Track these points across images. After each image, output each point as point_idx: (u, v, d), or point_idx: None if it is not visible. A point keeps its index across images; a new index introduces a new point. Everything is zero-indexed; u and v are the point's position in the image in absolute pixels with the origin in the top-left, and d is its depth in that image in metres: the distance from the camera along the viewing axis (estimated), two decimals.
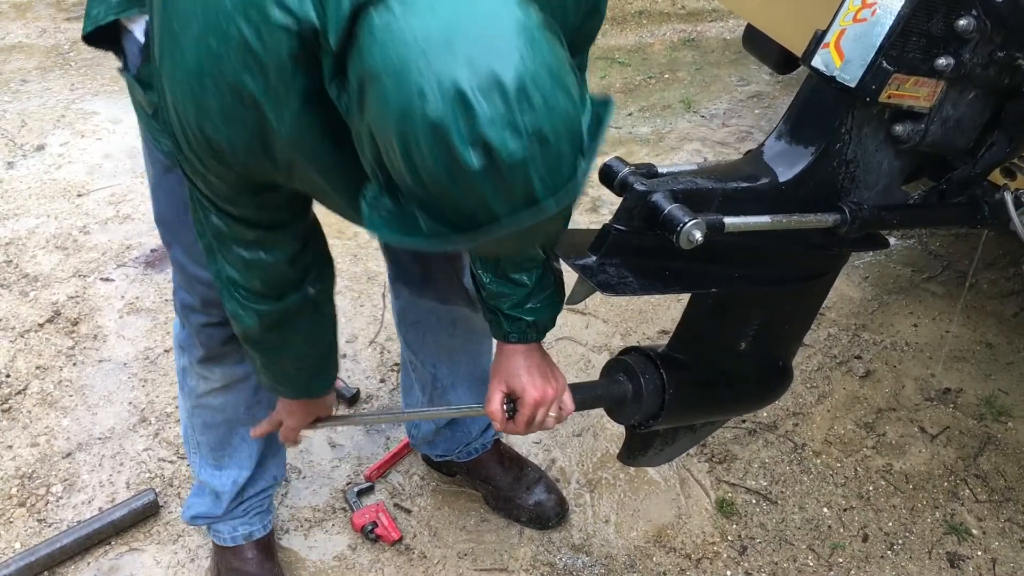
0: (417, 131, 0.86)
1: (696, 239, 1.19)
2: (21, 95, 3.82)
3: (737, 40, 3.72)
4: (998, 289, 2.85)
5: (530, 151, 0.87)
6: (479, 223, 0.91)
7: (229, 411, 1.85)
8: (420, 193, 0.91)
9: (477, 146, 0.86)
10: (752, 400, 1.71)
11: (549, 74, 0.89)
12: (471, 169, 0.86)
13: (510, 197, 0.89)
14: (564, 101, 0.90)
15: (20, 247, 2.95)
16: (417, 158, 0.88)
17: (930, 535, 2.14)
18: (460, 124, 0.85)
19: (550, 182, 0.90)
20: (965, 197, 1.55)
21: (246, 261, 1.32)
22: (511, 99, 0.86)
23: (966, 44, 1.32)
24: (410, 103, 0.86)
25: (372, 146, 0.93)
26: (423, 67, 0.86)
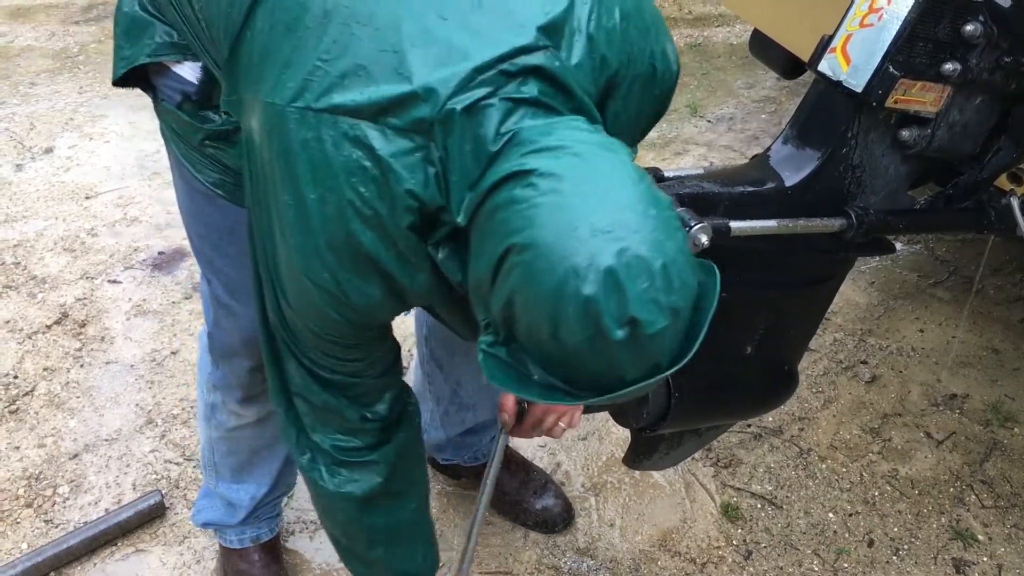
0: (568, 306, 0.92)
1: (703, 243, 1.20)
2: (30, 98, 3.85)
3: (743, 45, 3.72)
4: (1005, 295, 2.84)
5: (668, 325, 0.94)
6: (604, 387, 0.97)
7: (257, 440, 1.83)
8: (552, 355, 0.97)
9: (624, 322, 0.92)
10: (758, 404, 1.71)
11: (683, 256, 0.97)
12: (616, 342, 0.93)
13: (641, 366, 0.96)
14: (693, 280, 0.98)
15: (28, 249, 2.96)
16: (564, 329, 0.93)
17: (936, 540, 2.13)
18: (611, 302, 0.91)
19: (674, 349, 0.98)
20: (971, 202, 1.55)
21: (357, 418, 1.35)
22: (656, 280, 0.93)
23: (973, 49, 1.32)
24: (564, 280, 0.92)
25: (505, 310, 0.98)
26: (575, 245, 0.92)
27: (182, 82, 1.36)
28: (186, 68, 1.35)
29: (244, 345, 1.60)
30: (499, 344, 1.01)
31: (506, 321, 0.99)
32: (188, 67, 1.35)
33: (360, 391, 1.33)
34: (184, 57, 1.34)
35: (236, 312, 1.56)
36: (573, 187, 0.95)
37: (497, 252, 0.97)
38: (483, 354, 1.02)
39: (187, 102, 1.37)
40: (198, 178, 1.43)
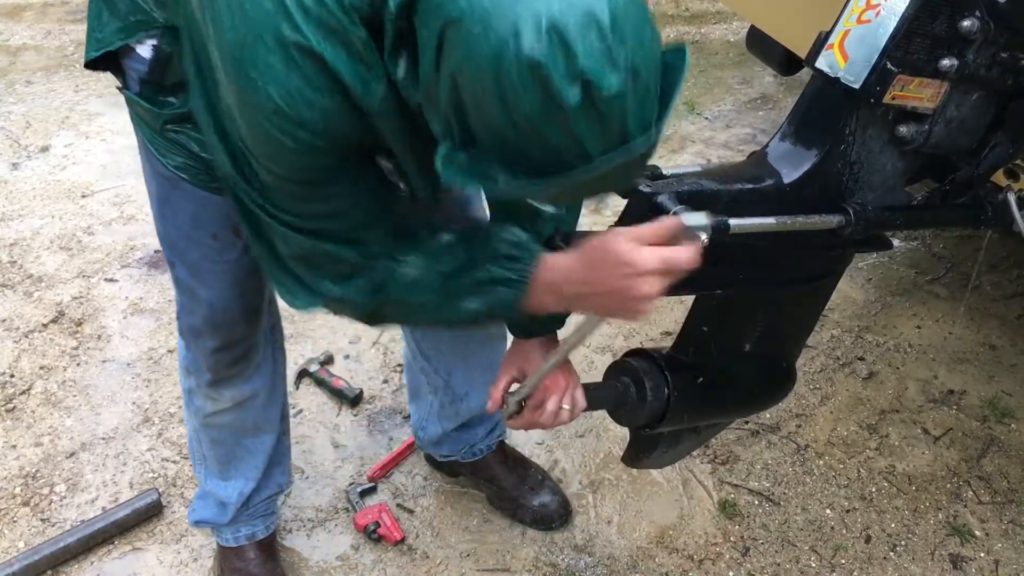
0: (512, 70, 0.85)
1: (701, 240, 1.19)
2: (26, 96, 3.84)
3: (741, 42, 3.72)
4: (1002, 291, 2.85)
5: (626, 85, 0.87)
6: (569, 165, 0.90)
7: (237, 427, 1.84)
8: (508, 136, 0.89)
9: (576, 82, 0.85)
10: (756, 402, 1.71)
11: (635, 8, 0.89)
12: (569, 106, 0.85)
13: (605, 135, 0.89)
14: (651, 35, 0.90)
15: (24, 248, 2.95)
16: (511, 98, 0.86)
17: (933, 536, 2.14)
18: (559, 61, 0.84)
19: (640, 118, 0.90)
20: (968, 198, 1.55)
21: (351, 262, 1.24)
22: (607, 34, 0.85)
23: (970, 45, 1.32)
24: (504, 43, 0.85)
25: (452, 96, 0.91)
26: (514, 5, 0.85)
27: (141, 62, 1.36)
28: (145, 47, 1.35)
29: (207, 325, 1.62)
30: (457, 148, 0.95)
31: (458, 114, 0.92)
32: (147, 45, 1.35)
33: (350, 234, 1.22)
34: (146, 35, 1.34)
35: (199, 294, 1.57)
36: None
37: (435, 36, 0.90)
38: (443, 161, 0.95)
39: (145, 86, 1.37)
40: (163, 162, 1.44)
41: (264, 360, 1.79)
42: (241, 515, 1.94)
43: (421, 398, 2.09)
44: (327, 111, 1.03)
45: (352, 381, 2.49)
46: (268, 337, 1.78)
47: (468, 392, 2.00)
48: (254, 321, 1.69)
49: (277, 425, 1.90)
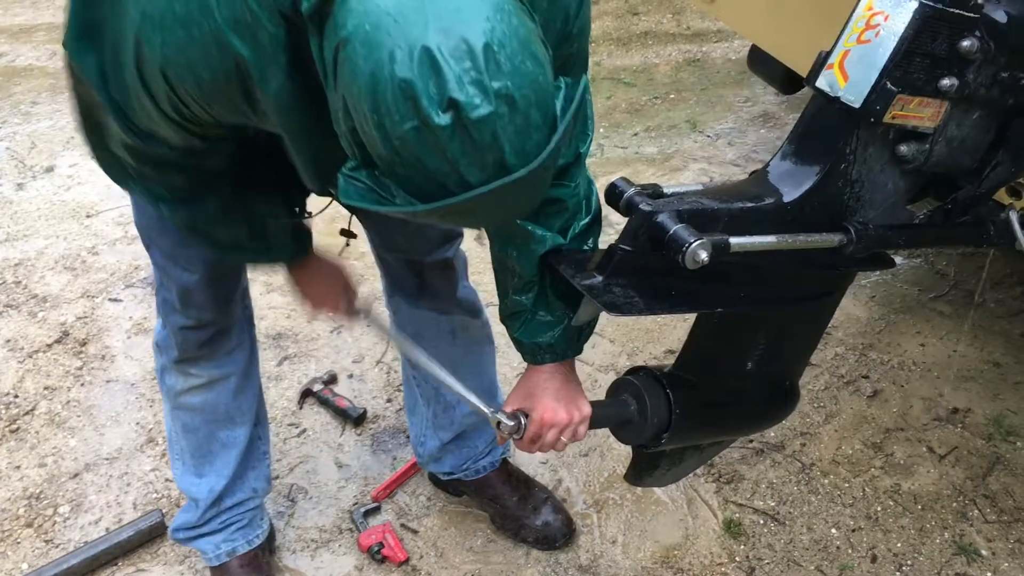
0: (387, 91, 0.88)
1: (701, 259, 1.20)
2: (31, 117, 3.86)
3: (742, 60, 3.73)
4: (1006, 308, 2.84)
5: (497, 111, 0.89)
6: (451, 191, 0.92)
7: (208, 411, 1.86)
8: (392, 160, 0.92)
9: (444, 104, 0.88)
10: (759, 420, 1.70)
11: (517, 40, 0.91)
12: (439, 128, 0.88)
13: (481, 162, 0.91)
14: (532, 67, 0.92)
15: (29, 268, 2.97)
16: (387, 120, 0.89)
17: (939, 556, 2.12)
18: (428, 83, 0.87)
19: (520, 147, 0.91)
20: (970, 216, 1.55)
21: None
22: (479, 60, 0.88)
23: (970, 65, 1.32)
24: (380, 65, 0.88)
25: (346, 116, 0.95)
26: (393, 31, 0.88)
27: None
28: None
29: (180, 302, 1.69)
30: (359, 168, 0.97)
31: (352, 134, 0.95)
32: None
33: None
34: None
35: (171, 273, 1.66)
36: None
37: (331, 54, 0.94)
38: (344, 178, 0.97)
39: None
40: None
41: (239, 348, 1.83)
42: (213, 520, 1.95)
43: (417, 413, 2.09)
44: (217, 78, 1.07)
45: (356, 400, 2.49)
46: (244, 326, 1.84)
47: (458, 400, 2.00)
48: (225, 308, 1.75)
49: (251, 418, 1.92)
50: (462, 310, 1.91)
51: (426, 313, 1.90)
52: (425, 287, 1.86)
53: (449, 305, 1.89)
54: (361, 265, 2.83)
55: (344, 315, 1.73)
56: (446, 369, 1.95)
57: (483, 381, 2.03)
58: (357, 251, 2.78)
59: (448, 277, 1.86)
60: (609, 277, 1.26)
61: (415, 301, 1.89)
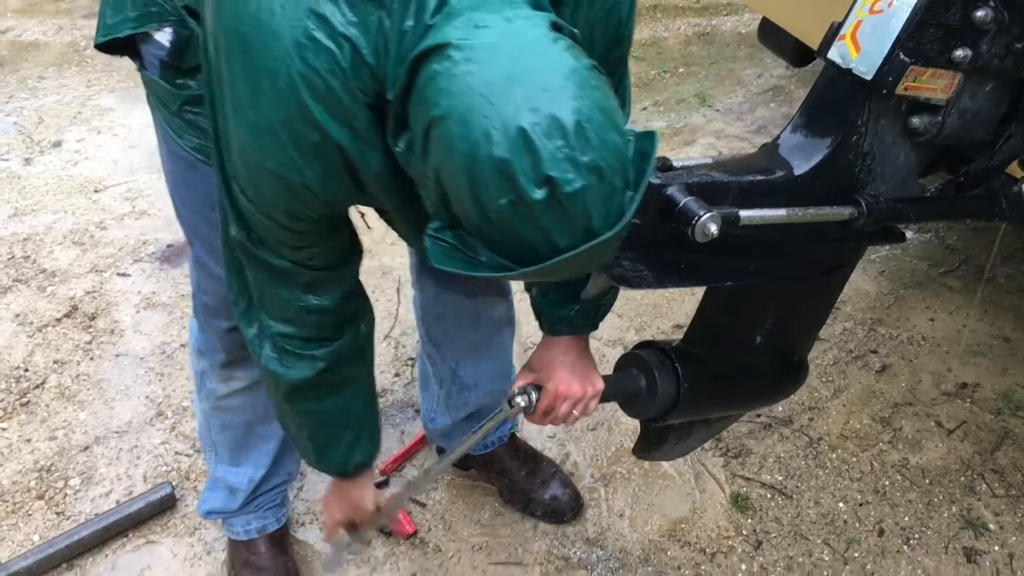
0: (484, 170, 0.92)
1: (711, 232, 1.19)
2: (38, 92, 3.85)
3: (752, 34, 3.70)
4: (1016, 283, 2.83)
5: (588, 184, 0.93)
6: (541, 256, 0.97)
7: (248, 412, 1.85)
8: (485, 229, 0.97)
9: (540, 181, 0.92)
10: (767, 394, 1.70)
11: (601, 113, 0.95)
12: (535, 203, 0.92)
13: (571, 230, 0.95)
14: (616, 137, 0.96)
15: (38, 243, 2.97)
16: (484, 195, 0.93)
17: (947, 530, 2.13)
18: (524, 162, 0.91)
19: (605, 213, 0.96)
20: (982, 190, 1.54)
21: (299, 308, 1.35)
22: (570, 137, 0.92)
23: (983, 35, 1.31)
24: (476, 145, 0.92)
25: (437, 186, 0.99)
26: (488, 112, 0.92)
27: (160, 47, 1.39)
28: (164, 34, 1.37)
29: (224, 304, 1.63)
30: (445, 229, 1.01)
31: (442, 200, 0.99)
32: (166, 32, 1.37)
33: (307, 279, 1.33)
34: (163, 23, 1.37)
35: (216, 273, 1.60)
36: (488, 56, 0.94)
37: (421, 129, 0.98)
38: (430, 239, 1.02)
39: (167, 69, 1.40)
40: (180, 143, 1.47)
41: None
42: (250, 504, 1.95)
43: (428, 390, 2.10)
44: (325, 173, 1.12)
45: None
46: None
47: (476, 383, 2.01)
48: None
49: None
50: (490, 290, 1.91)
51: (453, 295, 1.90)
52: None
53: (479, 288, 1.88)
54: (368, 240, 2.84)
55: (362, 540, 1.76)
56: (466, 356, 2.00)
57: (501, 365, 2.03)
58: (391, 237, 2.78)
59: None
60: (618, 251, 1.26)
61: (446, 283, 1.88)
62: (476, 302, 1.90)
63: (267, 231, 1.24)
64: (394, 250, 2.91)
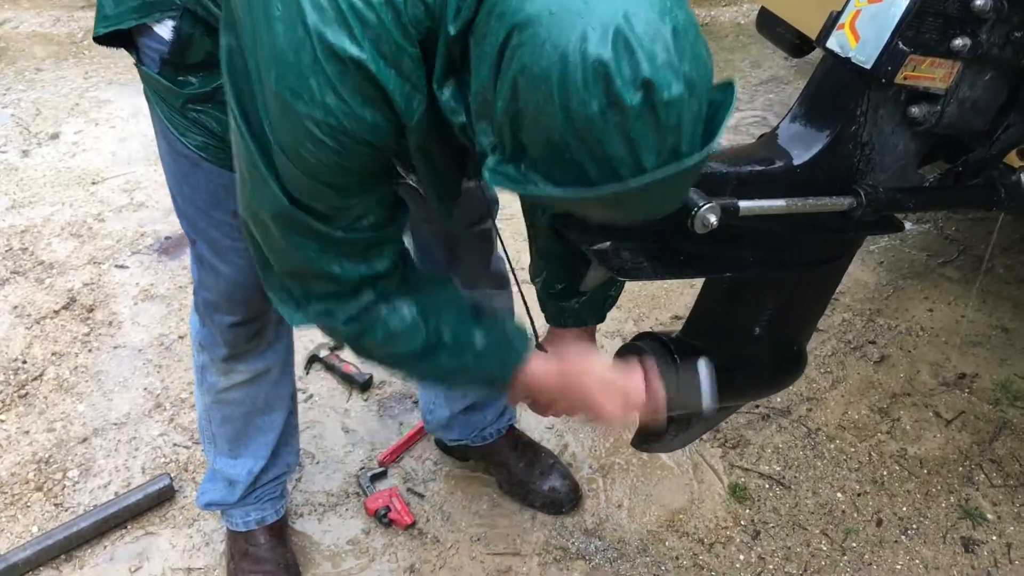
0: (577, 71, 0.88)
1: (711, 223, 1.19)
2: (35, 83, 3.84)
3: (750, 24, 3.70)
4: (1014, 274, 2.83)
5: (684, 94, 0.90)
6: (621, 176, 0.92)
7: (248, 404, 1.85)
8: (566, 142, 0.91)
9: (638, 85, 0.88)
10: (766, 385, 1.70)
11: (694, 28, 0.93)
12: (630, 108, 0.88)
13: (660, 145, 0.91)
14: (705, 54, 0.94)
15: (35, 235, 2.97)
16: (575, 99, 0.89)
17: (945, 520, 2.13)
18: (623, 63, 0.88)
19: (693, 133, 0.93)
20: (981, 179, 1.53)
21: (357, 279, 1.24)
22: (669, 43, 0.89)
23: (983, 24, 1.30)
24: (570, 44, 0.88)
25: (511, 102, 0.93)
26: (584, 12, 0.88)
27: (160, 42, 1.36)
28: (164, 27, 1.35)
29: (226, 300, 1.63)
30: (506, 161, 0.98)
31: (513, 122, 0.95)
32: (166, 25, 1.35)
33: (360, 247, 1.23)
34: (163, 16, 1.34)
35: (219, 270, 1.58)
36: None
37: (498, 43, 0.93)
38: (490, 172, 0.98)
39: (166, 65, 1.37)
40: (183, 141, 1.44)
41: (278, 336, 1.79)
42: (250, 495, 1.95)
43: None
44: (372, 122, 1.06)
45: (362, 366, 2.49)
46: None
47: None
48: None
49: (287, 403, 1.91)
50: (490, 282, 1.90)
51: None
52: (456, 261, 1.85)
53: (477, 279, 1.88)
54: None
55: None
56: None
57: None
58: None
59: (484, 248, 1.85)
60: (618, 241, 1.26)
61: None
62: (475, 294, 1.90)
63: (315, 195, 1.15)
64: None
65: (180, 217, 1.61)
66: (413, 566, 2.02)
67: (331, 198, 1.15)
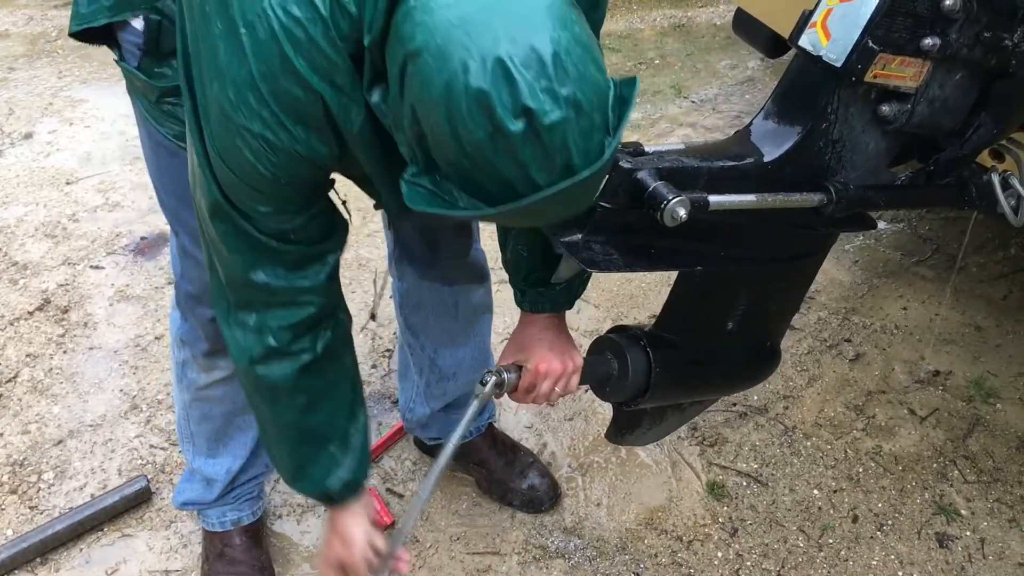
0: (461, 101, 0.91)
1: (680, 216, 1.19)
2: (8, 83, 3.81)
3: (727, 25, 3.72)
4: (987, 272, 2.86)
5: (567, 116, 0.92)
6: (519, 193, 0.95)
7: (228, 402, 1.84)
8: (463, 165, 0.95)
9: (519, 112, 0.91)
10: (739, 380, 1.71)
11: (580, 47, 0.94)
12: (513, 134, 0.91)
13: (550, 165, 0.94)
14: (595, 72, 0.96)
15: (9, 235, 2.94)
16: (461, 128, 0.92)
17: (919, 516, 2.15)
18: (503, 92, 0.90)
19: (584, 149, 0.95)
20: (953, 178, 1.55)
21: (285, 290, 1.29)
22: (548, 68, 0.91)
23: (952, 24, 1.32)
24: (454, 76, 0.91)
25: (413, 125, 0.98)
26: (465, 43, 0.91)
27: (136, 34, 1.38)
28: (138, 20, 1.37)
29: (208, 292, 1.61)
30: (422, 173, 1.01)
31: (419, 141, 0.99)
32: (139, 18, 1.37)
33: (293, 258, 1.28)
34: (137, 10, 1.37)
35: (201, 261, 1.56)
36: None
37: (398, 68, 0.97)
38: (407, 184, 1.01)
39: (145, 56, 1.39)
40: (161, 132, 1.47)
41: None
42: (228, 495, 1.95)
43: (408, 379, 2.09)
44: (306, 139, 1.11)
45: None
46: None
47: (455, 371, 2.01)
48: None
49: None
50: (469, 277, 1.91)
51: (432, 284, 1.90)
52: (436, 257, 1.86)
53: (457, 275, 1.89)
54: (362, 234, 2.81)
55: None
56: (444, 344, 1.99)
57: (479, 352, 2.03)
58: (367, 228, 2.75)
59: (464, 243, 1.86)
60: (588, 234, 1.26)
61: (425, 270, 1.88)
62: (454, 290, 1.91)
63: (250, 203, 1.20)
64: (371, 241, 2.90)
65: (163, 209, 1.63)
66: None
67: (262, 204, 1.19)
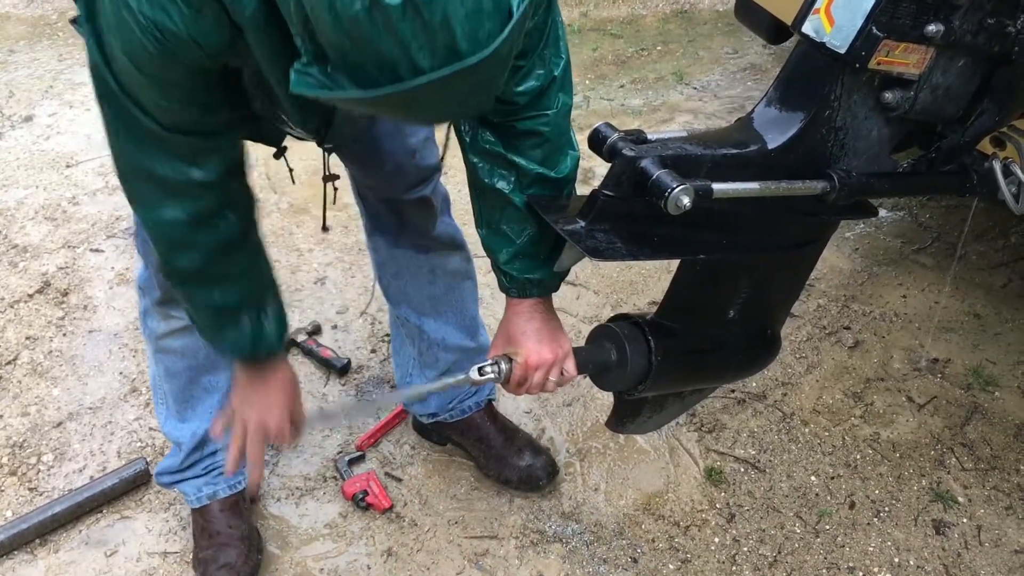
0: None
1: (684, 204, 1.19)
2: (8, 66, 3.80)
3: (729, 11, 3.70)
4: (987, 260, 2.86)
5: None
6: (403, 77, 0.92)
7: (189, 356, 1.86)
8: (344, 46, 0.92)
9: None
10: (740, 368, 1.71)
11: None
12: (390, 6, 0.87)
13: (431, 44, 0.90)
14: None
15: (9, 218, 2.94)
16: (339, 2, 0.88)
17: (916, 503, 2.16)
18: None
19: (471, 33, 0.91)
20: (954, 165, 1.55)
21: (179, 182, 1.29)
22: None
23: (956, 11, 1.32)
24: None
25: (298, 6, 0.94)
26: None
27: None
28: None
29: None
30: (312, 63, 0.98)
31: (305, 27, 0.96)
32: None
33: (186, 148, 1.26)
34: None
35: None
36: None
37: None
38: (296, 73, 0.98)
39: None
40: None
41: None
42: (196, 464, 1.96)
43: (403, 355, 2.11)
44: (199, 14, 1.08)
45: (340, 351, 2.49)
46: None
47: (443, 336, 2.02)
48: None
49: None
50: (442, 245, 1.93)
51: (406, 252, 1.92)
52: (405, 225, 1.88)
53: (429, 241, 1.91)
54: (345, 216, 2.82)
55: (288, 442, 1.62)
56: (429, 312, 1.97)
57: (464, 318, 2.04)
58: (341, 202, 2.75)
59: (428, 214, 1.87)
60: (592, 222, 1.26)
61: (395, 240, 1.91)
62: (429, 256, 1.93)
63: (142, 90, 1.18)
64: None
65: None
66: (391, 550, 2.03)
67: (155, 93, 1.18)
